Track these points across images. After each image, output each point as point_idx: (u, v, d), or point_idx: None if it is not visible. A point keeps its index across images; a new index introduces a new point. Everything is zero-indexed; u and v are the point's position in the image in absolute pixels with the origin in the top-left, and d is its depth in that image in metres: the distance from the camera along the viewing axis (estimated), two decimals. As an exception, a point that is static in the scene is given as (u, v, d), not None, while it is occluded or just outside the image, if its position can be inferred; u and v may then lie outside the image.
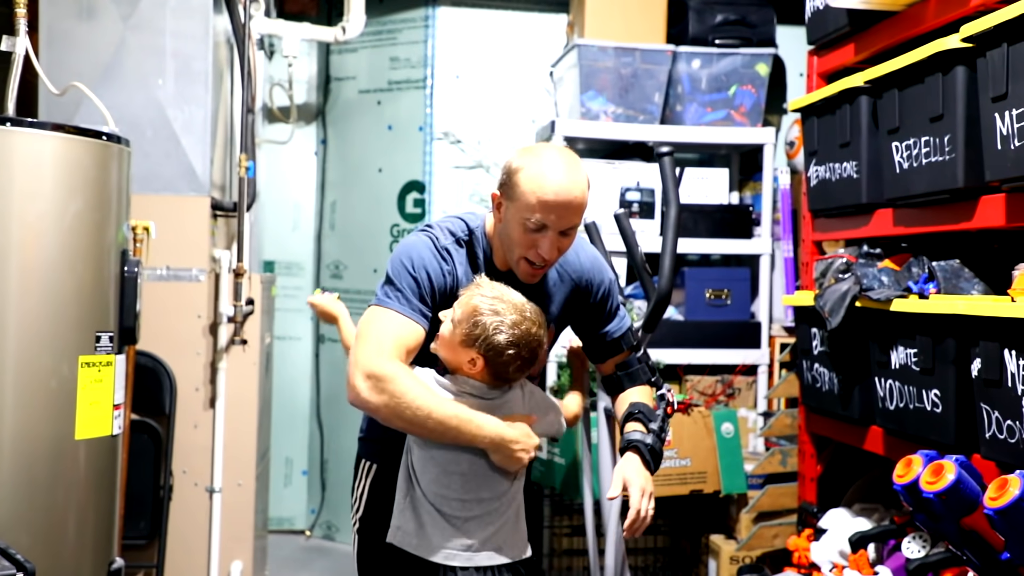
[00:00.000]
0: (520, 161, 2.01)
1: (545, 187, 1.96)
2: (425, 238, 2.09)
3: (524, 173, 1.98)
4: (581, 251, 2.22)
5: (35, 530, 2.33)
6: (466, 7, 4.51)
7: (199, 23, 3.40)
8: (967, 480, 2.05)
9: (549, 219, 1.97)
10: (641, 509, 2.06)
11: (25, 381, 2.33)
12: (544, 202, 1.96)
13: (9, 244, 2.31)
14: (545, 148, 2.06)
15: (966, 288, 2.49)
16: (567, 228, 2.01)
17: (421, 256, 2.04)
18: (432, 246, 2.07)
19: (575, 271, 2.19)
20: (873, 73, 2.73)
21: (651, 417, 2.18)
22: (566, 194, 1.97)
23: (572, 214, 1.99)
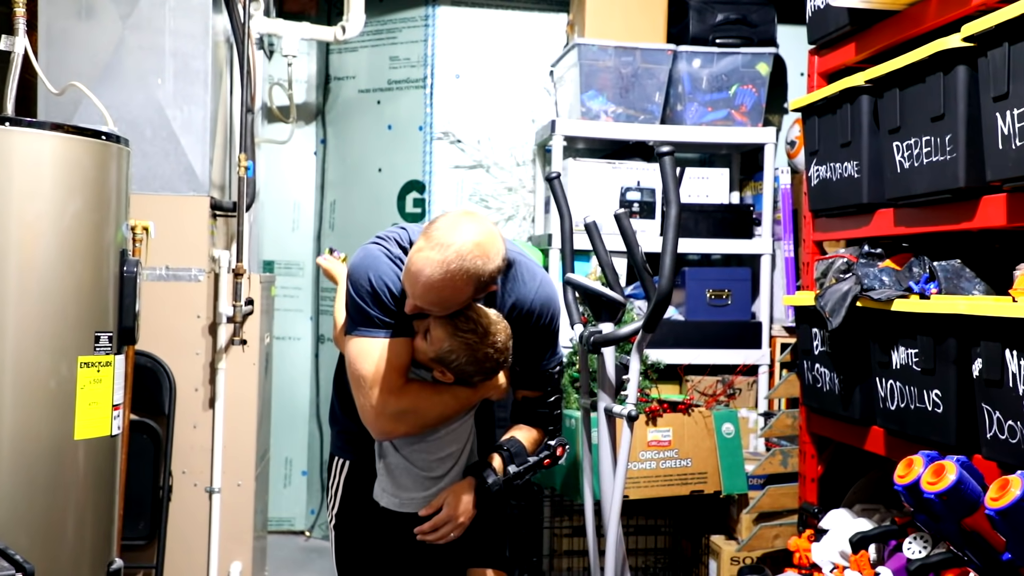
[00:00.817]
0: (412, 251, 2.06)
1: (408, 267, 2.04)
2: (379, 250, 2.17)
3: (406, 266, 2.05)
4: (539, 288, 2.27)
5: (34, 530, 2.32)
6: (466, 7, 4.51)
7: (198, 22, 3.40)
8: (968, 481, 2.05)
9: (407, 288, 2.07)
10: (439, 530, 2.17)
11: (24, 381, 2.32)
12: (405, 278, 2.06)
13: (8, 244, 2.30)
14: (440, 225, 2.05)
15: (967, 288, 2.48)
16: (421, 304, 2.08)
17: (378, 270, 2.13)
18: (387, 255, 2.15)
19: (520, 300, 2.25)
20: (874, 72, 2.72)
21: (516, 460, 2.24)
22: (416, 276, 2.01)
23: (418, 291, 2.04)
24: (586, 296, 2.78)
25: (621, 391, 2.74)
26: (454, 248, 1.99)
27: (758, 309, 4.15)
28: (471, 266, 2.00)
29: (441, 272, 1.99)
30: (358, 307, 2.13)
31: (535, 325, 2.26)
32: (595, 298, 2.71)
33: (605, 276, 2.83)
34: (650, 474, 3.56)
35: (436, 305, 2.05)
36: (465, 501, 2.16)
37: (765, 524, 3.51)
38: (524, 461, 2.24)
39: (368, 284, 2.12)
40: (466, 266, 2.00)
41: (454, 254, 1.99)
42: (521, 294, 2.24)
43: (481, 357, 2.12)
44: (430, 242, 2.01)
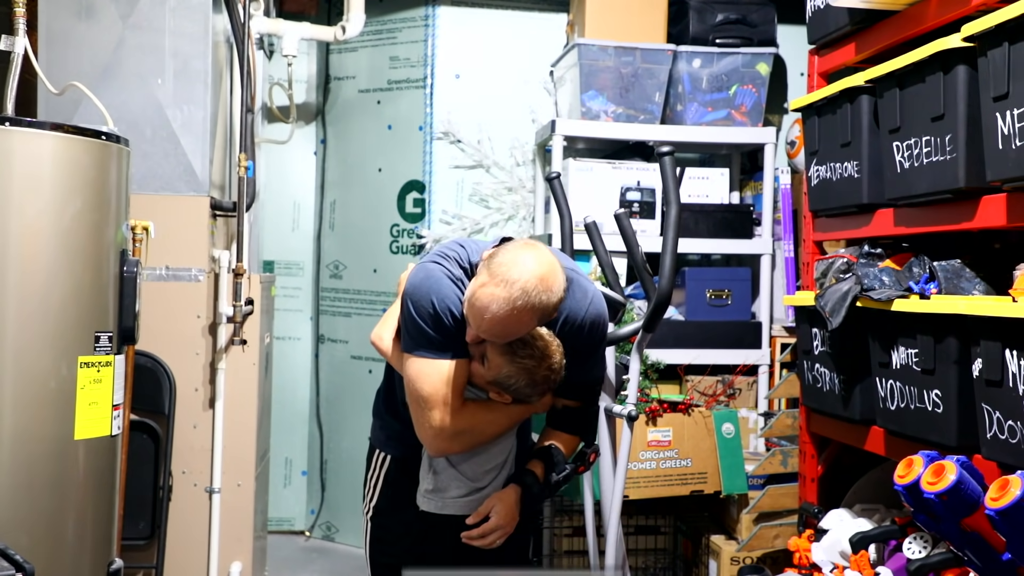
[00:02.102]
0: (489, 259, 2.06)
1: (472, 302, 2.03)
2: (441, 271, 2.15)
3: (470, 300, 2.04)
4: (590, 305, 2.27)
5: (34, 530, 2.32)
6: (466, 6, 4.51)
7: (198, 22, 3.40)
8: (968, 481, 2.05)
9: (471, 323, 2.08)
10: (487, 537, 2.20)
11: (24, 381, 2.32)
12: (469, 312, 2.06)
13: (8, 244, 2.30)
14: (510, 263, 2.03)
15: (967, 288, 2.48)
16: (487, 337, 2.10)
17: (441, 293, 2.12)
18: (449, 276, 2.15)
19: (572, 316, 2.24)
20: (874, 72, 2.72)
21: (557, 468, 2.27)
22: (483, 312, 2.01)
23: (486, 326, 2.04)
24: (586, 296, 2.78)
25: (621, 391, 2.74)
26: (519, 284, 1.99)
27: (758, 309, 4.15)
28: (536, 301, 2.01)
29: (508, 309, 1.99)
30: (419, 328, 2.13)
31: (584, 340, 2.28)
32: (595, 298, 2.71)
33: (605, 276, 2.83)
34: (650, 474, 3.56)
35: (500, 337, 2.08)
36: (512, 509, 2.22)
37: (765, 524, 3.51)
38: (563, 469, 2.27)
39: (431, 307, 2.11)
40: (531, 301, 2.00)
41: (519, 291, 1.99)
42: (573, 310, 2.24)
43: (539, 380, 2.17)
44: (494, 278, 2.00)
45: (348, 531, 4.73)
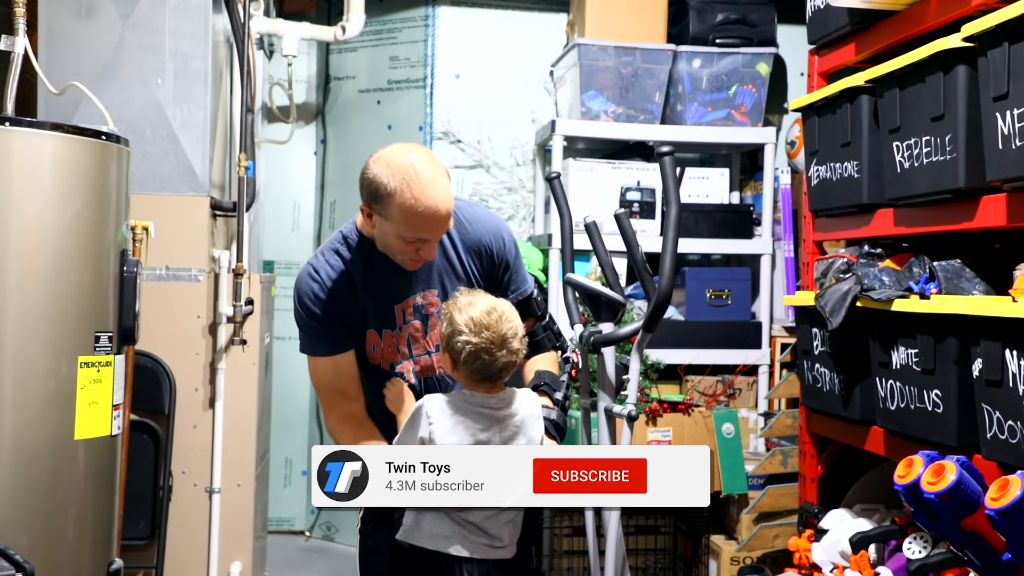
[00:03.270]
0: (389, 180, 2.09)
1: (419, 213, 2.07)
2: (304, 268, 2.26)
3: (397, 199, 2.07)
4: (475, 219, 2.32)
5: (34, 530, 2.32)
6: (466, 7, 4.51)
7: (198, 22, 3.40)
8: (968, 481, 2.05)
9: (426, 234, 2.10)
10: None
11: (24, 381, 2.32)
12: (421, 225, 2.08)
13: (8, 244, 2.30)
14: (411, 166, 2.09)
15: (967, 288, 2.48)
16: (442, 233, 2.15)
17: (300, 290, 2.23)
18: (309, 272, 2.24)
19: (472, 240, 2.30)
20: (874, 72, 2.72)
21: (556, 387, 2.32)
22: (442, 212, 2.09)
23: (444, 223, 2.11)
24: (586, 296, 2.78)
25: (621, 391, 2.73)
26: (401, 149, 2.16)
27: (758, 309, 4.14)
28: (427, 151, 2.18)
29: (433, 165, 2.10)
30: (300, 329, 2.27)
31: (499, 257, 2.32)
32: (595, 298, 2.71)
33: (605, 276, 2.83)
34: (650, 474, 3.55)
35: (450, 205, 2.10)
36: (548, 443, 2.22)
37: (765, 524, 3.51)
38: (559, 384, 2.33)
39: (296, 303, 2.24)
40: (424, 150, 2.17)
41: (408, 149, 2.15)
42: (472, 236, 2.29)
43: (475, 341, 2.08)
44: (380, 162, 2.13)
45: (348, 531, 4.73)
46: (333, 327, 2.22)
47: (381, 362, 2.29)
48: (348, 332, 2.25)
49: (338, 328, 2.23)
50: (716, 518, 3.82)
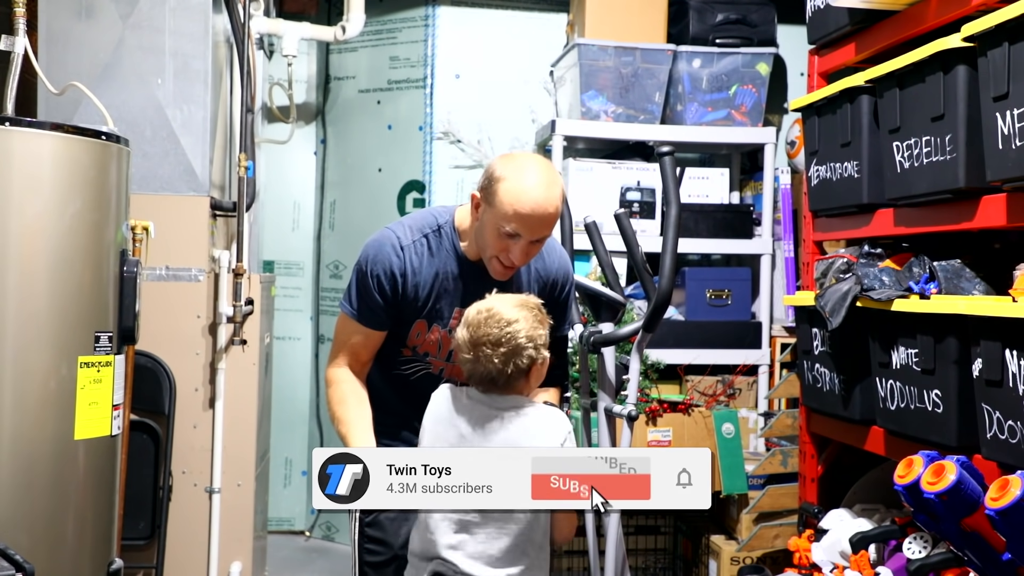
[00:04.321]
0: (503, 171, 2.13)
1: (523, 201, 2.09)
2: (388, 235, 2.25)
3: (505, 184, 2.11)
4: (551, 252, 2.37)
5: (34, 530, 2.32)
6: (466, 6, 4.51)
7: (198, 22, 3.40)
8: (968, 481, 2.05)
9: (522, 230, 2.11)
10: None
11: (24, 381, 2.32)
12: (520, 215, 2.10)
13: (8, 244, 2.30)
14: (527, 160, 2.18)
15: (967, 288, 2.48)
16: (538, 239, 2.16)
17: (377, 258, 2.23)
18: (395, 244, 2.23)
19: (544, 271, 2.34)
20: (874, 72, 2.72)
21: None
22: (541, 210, 2.11)
23: (544, 227, 2.14)
24: (586, 296, 2.78)
25: (621, 391, 2.74)
26: (533, 156, 2.23)
27: (758, 309, 4.14)
28: (553, 169, 2.21)
29: (548, 169, 2.16)
30: (351, 285, 2.27)
31: (557, 295, 2.36)
32: (595, 298, 2.72)
33: (605, 276, 2.83)
34: (650, 474, 3.55)
35: (556, 209, 2.13)
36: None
37: (765, 524, 3.51)
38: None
39: (363, 268, 2.24)
40: (551, 167, 2.21)
41: (536, 158, 2.22)
42: (546, 267, 2.34)
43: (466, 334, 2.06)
44: (510, 161, 2.16)
45: (348, 531, 4.73)
46: (387, 306, 2.24)
47: (417, 347, 2.31)
48: (396, 316, 2.26)
49: (391, 308, 2.25)
50: (716, 518, 3.82)
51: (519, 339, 2.02)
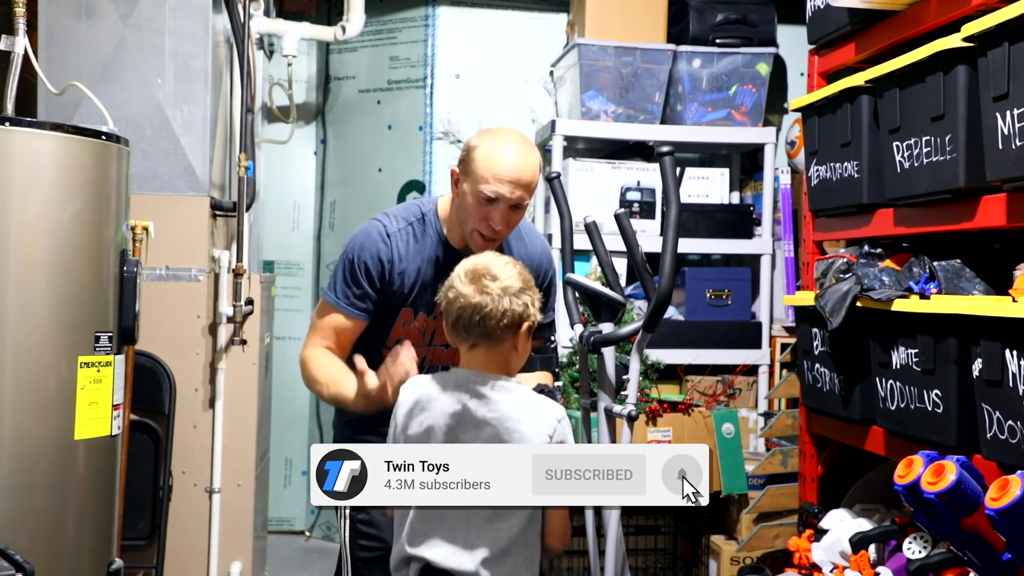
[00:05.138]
0: (478, 140, 2.22)
1: (499, 162, 2.16)
2: (374, 224, 2.30)
3: (481, 150, 2.18)
4: (534, 238, 2.44)
5: (34, 530, 2.33)
6: (466, 7, 4.51)
7: (198, 22, 3.40)
8: (968, 481, 2.04)
9: (501, 192, 2.16)
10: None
11: (24, 381, 2.32)
12: (497, 176, 2.15)
13: (8, 244, 2.30)
14: (502, 130, 2.26)
15: (967, 288, 2.48)
16: (517, 202, 2.19)
17: (364, 245, 2.27)
18: (381, 232, 2.28)
19: (527, 257, 2.37)
20: (874, 72, 2.72)
21: (555, 399, 2.31)
22: (518, 170, 2.17)
23: (522, 189, 2.19)
24: (586, 296, 2.78)
25: (621, 391, 2.73)
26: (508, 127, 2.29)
27: (758, 309, 4.14)
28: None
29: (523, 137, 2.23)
30: (336, 274, 2.31)
31: (541, 280, 2.39)
32: (595, 298, 2.71)
33: (605, 276, 2.83)
34: (650, 474, 3.55)
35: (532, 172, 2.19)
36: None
37: (765, 524, 3.51)
38: (556, 400, 2.32)
39: (350, 256, 2.28)
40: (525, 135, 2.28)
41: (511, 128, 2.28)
42: (527, 253, 2.38)
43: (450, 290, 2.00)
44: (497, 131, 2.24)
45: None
46: (374, 293, 2.27)
47: (401, 339, 2.29)
48: (382, 304, 2.29)
49: (377, 296, 2.28)
50: (716, 518, 3.82)
51: (517, 282, 1.97)
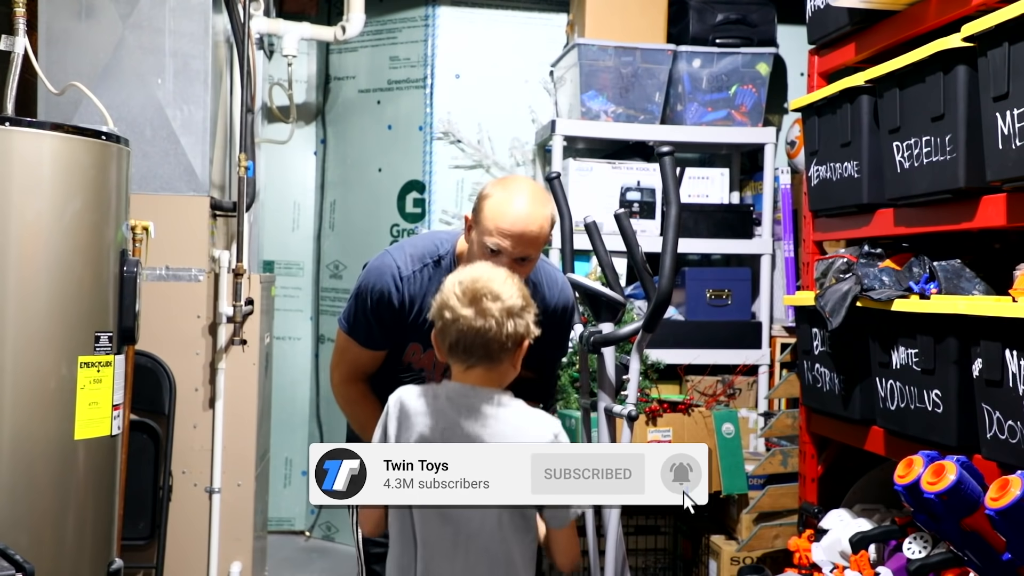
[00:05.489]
0: (490, 189, 2.18)
1: (504, 215, 2.12)
2: (389, 263, 2.28)
3: (490, 200, 2.15)
4: (553, 284, 2.39)
5: (34, 530, 2.33)
6: (466, 7, 4.51)
7: (198, 22, 3.40)
8: (968, 481, 2.05)
9: (504, 246, 2.12)
10: None
11: (24, 381, 2.32)
12: (501, 230, 2.12)
13: (8, 244, 2.30)
14: (517, 181, 2.23)
15: (967, 288, 2.48)
16: (521, 256, 2.15)
17: (376, 286, 2.26)
18: (395, 275, 2.26)
19: (541, 303, 2.27)
20: (874, 72, 2.72)
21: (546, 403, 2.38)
22: (523, 225, 2.12)
23: (527, 245, 2.14)
24: (586, 296, 2.78)
25: (621, 391, 2.73)
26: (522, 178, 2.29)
27: (758, 309, 4.15)
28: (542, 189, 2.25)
29: (537, 190, 2.20)
30: (350, 307, 2.32)
31: (559, 326, 2.37)
32: (595, 298, 2.71)
33: (605, 276, 2.83)
34: (650, 474, 3.55)
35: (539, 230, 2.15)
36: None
37: (765, 524, 3.51)
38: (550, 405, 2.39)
39: (366, 295, 2.28)
40: (540, 187, 2.24)
41: (526, 180, 2.27)
42: (547, 300, 2.35)
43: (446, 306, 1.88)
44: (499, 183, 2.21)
45: (348, 531, 4.73)
46: (383, 330, 2.28)
47: (412, 364, 2.35)
48: (394, 338, 2.31)
49: (389, 332, 2.29)
50: (716, 518, 3.82)
51: (519, 300, 1.88)
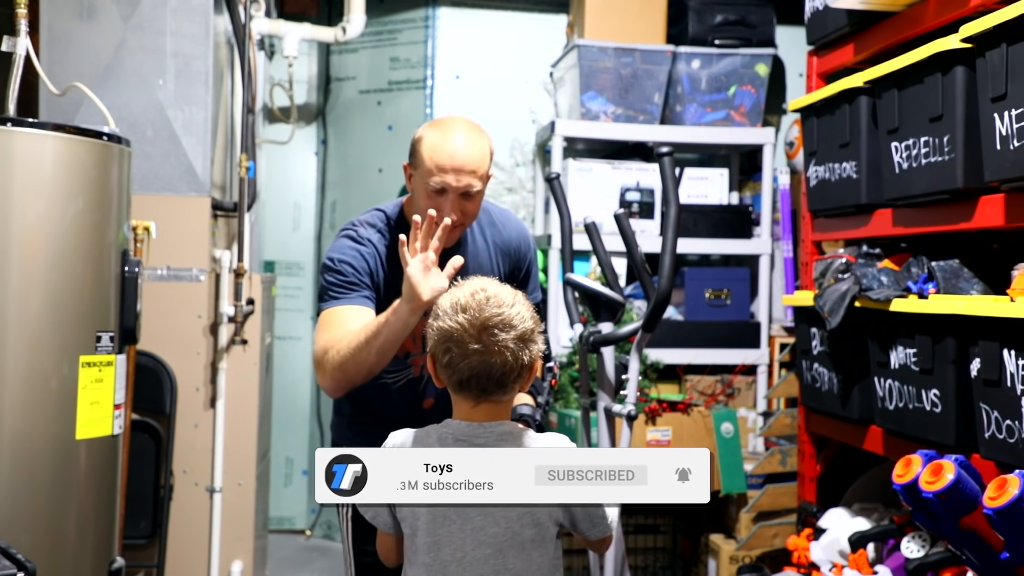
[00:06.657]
0: (423, 131, 2.16)
1: (441, 151, 2.10)
2: (346, 235, 2.23)
3: (425, 140, 2.13)
4: (507, 222, 2.36)
5: (36, 530, 2.33)
6: (466, 7, 4.52)
7: (199, 23, 3.41)
8: (966, 480, 2.05)
9: (447, 181, 2.09)
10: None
11: (26, 381, 2.33)
12: (440, 165, 2.09)
13: (10, 244, 2.31)
14: (448, 118, 2.22)
15: (965, 288, 2.49)
16: (465, 190, 2.11)
17: (342, 252, 2.18)
18: (354, 239, 2.21)
19: (502, 240, 2.32)
20: (873, 73, 2.73)
21: (540, 390, 2.30)
22: (463, 156, 2.09)
23: (468, 176, 2.11)
24: (586, 296, 2.79)
25: (621, 391, 2.74)
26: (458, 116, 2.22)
27: (757, 309, 4.15)
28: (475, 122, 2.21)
29: (470, 123, 2.16)
30: (323, 287, 2.20)
31: (523, 261, 2.35)
32: (595, 298, 2.72)
33: (605, 276, 2.84)
34: (650, 474, 3.56)
35: (479, 158, 2.11)
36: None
37: (764, 523, 3.52)
38: (542, 388, 2.31)
39: (332, 266, 2.17)
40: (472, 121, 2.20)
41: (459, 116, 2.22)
42: (503, 239, 2.32)
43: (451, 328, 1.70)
44: (442, 120, 2.17)
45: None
46: (364, 286, 2.18)
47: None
48: (373, 295, 2.19)
49: (368, 288, 2.18)
50: (715, 517, 3.83)
51: (530, 322, 1.71)
